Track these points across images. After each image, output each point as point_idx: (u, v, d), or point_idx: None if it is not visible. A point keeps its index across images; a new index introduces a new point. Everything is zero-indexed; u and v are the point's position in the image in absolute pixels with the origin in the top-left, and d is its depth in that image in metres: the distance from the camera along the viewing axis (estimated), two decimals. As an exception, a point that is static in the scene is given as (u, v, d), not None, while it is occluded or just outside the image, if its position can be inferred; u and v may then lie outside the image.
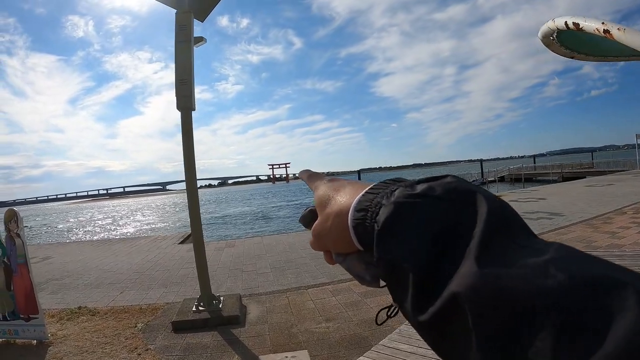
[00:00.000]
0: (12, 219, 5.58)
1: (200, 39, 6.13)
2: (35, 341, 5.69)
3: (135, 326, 5.83)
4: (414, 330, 0.38)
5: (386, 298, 0.41)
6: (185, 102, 5.74)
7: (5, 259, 5.67)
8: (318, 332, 5.12)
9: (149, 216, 59.64)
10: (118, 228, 44.54)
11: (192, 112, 5.88)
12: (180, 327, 5.58)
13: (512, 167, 47.50)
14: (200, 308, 5.87)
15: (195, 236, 6.01)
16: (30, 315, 5.63)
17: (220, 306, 5.91)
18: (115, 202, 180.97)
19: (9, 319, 5.78)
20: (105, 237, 32.51)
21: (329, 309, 5.83)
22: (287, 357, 4.48)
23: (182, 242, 13.44)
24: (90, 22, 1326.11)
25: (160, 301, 6.96)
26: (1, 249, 5.68)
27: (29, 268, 5.54)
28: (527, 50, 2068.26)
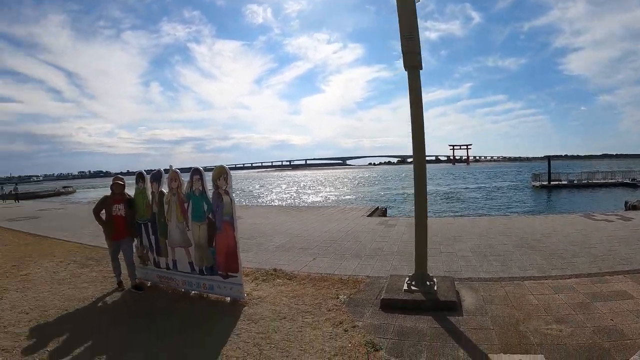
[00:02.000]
0: (222, 176, 5.37)
1: (417, -6, 5.41)
2: (229, 299, 5.54)
3: (337, 297, 5.42)
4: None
5: (620, 305, 0.18)
6: (413, 60, 5.12)
7: (210, 215, 5.51)
8: (550, 334, 4.27)
9: (332, 188, 62.20)
10: (304, 196, 47.08)
11: (420, 71, 5.24)
12: (389, 305, 5.06)
13: None
14: (413, 288, 5.31)
15: (418, 208, 5.40)
16: (229, 273, 5.46)
17: (435, 288, 5.29)
18: (298, 172, 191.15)
19: (205, 273, 5.69)
20: (292, 203, 34.24)
21: (555, 308, 4.95)
22: (522, 360, 3.68)
23: (370, 215, 13.10)
24: (268, 9, 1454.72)
25: (356, 273, 6.55)
26: (207, 205, 5.51)
27: (235, 226, 5.33)
28: None
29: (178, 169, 6.04)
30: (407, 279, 5.47)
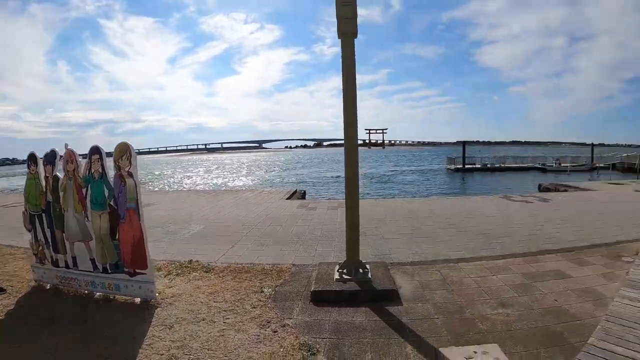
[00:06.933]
0: (124, 154, 4.25)
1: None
2: (138, 299, 4.50)
3: (262, 291, 4.57)
4: (627, 327, 1.15)
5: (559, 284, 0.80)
6: (347, 26, 4.39)
7: (111, 202, 4.39)
8: (498, 320, 3.77)
9: (249, 171, 59.75)
10: (220, 180, 44.89)
11: (354, 40, 4.53)
12: (322, 298, 4.29)
13: (625, 154, 40.11)
14: (345, 276, 4.56)
15: (349, 190, 4.66)
16: (137, 270, 4.40)
17: (369, 276, 4.58)
18: (214, 156, 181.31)
19: (110, 271, 4.56)
20: (208, 188, 32.49)
21: (496, 290, 4.47)
22: (476, 352, 3.07)
23: (288, 198, 12.35)
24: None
25: (279, 261, 5.70)
26: (108, 190, 4.37)
27: (140, 215, 4.25)
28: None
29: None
30: (338, 266, 4.76)
